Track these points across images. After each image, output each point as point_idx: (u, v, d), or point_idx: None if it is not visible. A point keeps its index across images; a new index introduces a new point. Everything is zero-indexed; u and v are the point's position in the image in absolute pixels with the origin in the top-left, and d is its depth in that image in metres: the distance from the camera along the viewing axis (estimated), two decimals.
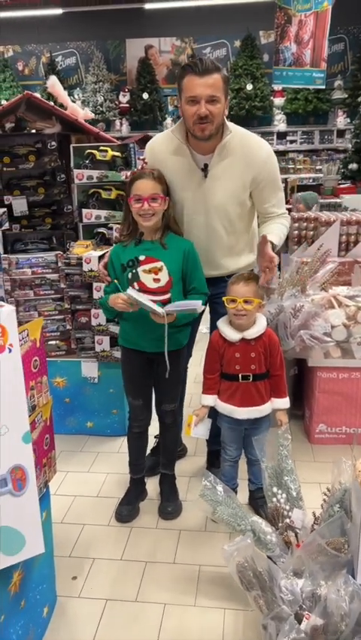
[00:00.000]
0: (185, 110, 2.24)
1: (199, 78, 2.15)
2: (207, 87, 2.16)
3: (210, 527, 2.45)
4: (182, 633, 1.93)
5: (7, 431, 1.47)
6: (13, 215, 3.79)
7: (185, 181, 2.37)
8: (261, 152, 2.38)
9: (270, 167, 2.40)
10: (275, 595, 1.44)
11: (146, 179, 2.18)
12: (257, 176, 2.37)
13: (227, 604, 2.04)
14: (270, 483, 1.98)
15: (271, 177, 2.42)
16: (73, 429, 3.27)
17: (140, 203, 2.17)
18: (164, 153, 2.40)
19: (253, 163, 2.35)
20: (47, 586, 1.97)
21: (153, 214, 2.19)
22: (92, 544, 2.38)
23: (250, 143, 2.38)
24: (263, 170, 2.37)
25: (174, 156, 2.37)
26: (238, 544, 1.60)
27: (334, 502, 1.79)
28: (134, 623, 1.98)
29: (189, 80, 2.18)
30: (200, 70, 2.15)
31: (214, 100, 2.18)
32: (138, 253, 2.26)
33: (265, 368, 2.32)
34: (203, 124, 2.20)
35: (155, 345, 2.29)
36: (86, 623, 1.98)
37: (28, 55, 13.06)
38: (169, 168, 2.36)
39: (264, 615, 1.46)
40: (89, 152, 3.51)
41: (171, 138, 2.39)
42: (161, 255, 2.25)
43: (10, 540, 1.54)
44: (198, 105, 2.18)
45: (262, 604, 1.49)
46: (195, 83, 2.17)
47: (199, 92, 2.16)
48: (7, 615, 1.64)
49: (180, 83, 2.23)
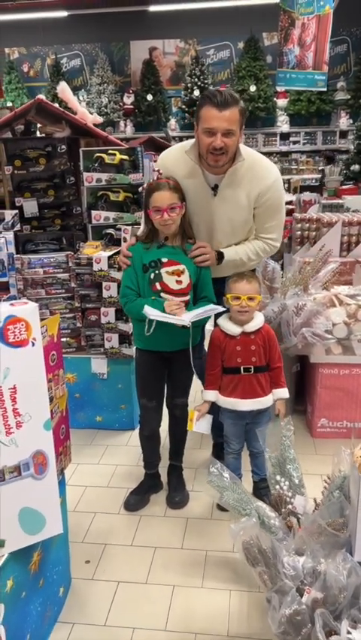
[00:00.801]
0: (201, 140, 2.31)
1: (218, 111, 2.21)
2: (224, 121, 2.22)
3: (216, 515, 2.57)
4: (190, 613, 2.04)
5: (30, 419, 1.58)
6: (24, 216, 3.92)
7: (195, 198, 2.46)
8: (267, 179, 2.46)
9: (272, 194, 2.48)
10: (278, 570, 1.56)
11: (163, 190, 2.28)
12: (259, 199, 2.47)
13: (232, 586, 2.15)
14: (273, 472, 2.09)
15: (271, 203, 2.50)
16: (83, 423, 3.38)
17: (160, 214, 2.28)
18: (178, 175, 2.45)
19: (258, 187, 2.44)
20: (62, 568, 2.08)
21: (172, 223, 2.31)
22: (104, 531, 2.49)
23: (259, 168, 2.46)
24: (266, 194, 2.46)
25: (187, 179, 2.45)
26: (243, 524, 1.72)
27: (334, 488, 1.90)
28: (145, 603, 2.09)
29: (207, 111, 2.24)
30: (219, 102, 2.20)
31: (230, 133, 2.25)
32: (160, 255, 2.37)
33: (264, 361, 2.43)
34: (217, 155, 2.29)
35: (171, 344, 2.40)
36: (99, 602, 2.09)
37: (34, 57, 13.17)
38: (180, 179, 2.44)
39: (268, 589, 1.58)
40: (97, 156, 3.62)
41: (185, 159, 2.44)
42: (182, 259, 2.38)
43: (31, 520, 1.65)
44: (214, 137, 2.24)
45: (266, 579, 1.61)
46: (213, 115, 2.22)
47: (216, 125, 2.22)
48: (27, 592, 1.75)
49: (199, 112, 2.29)
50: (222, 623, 1.98)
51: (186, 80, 12.20)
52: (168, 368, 2.54)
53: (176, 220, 2.31)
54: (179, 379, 2.55)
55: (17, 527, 1.63)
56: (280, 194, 2.54)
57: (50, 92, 12.48)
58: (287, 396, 2.55)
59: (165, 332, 2.33)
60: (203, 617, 2.01)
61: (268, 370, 2.48)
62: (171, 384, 2.62)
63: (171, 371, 2.54)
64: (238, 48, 12.45)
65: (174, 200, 2.28)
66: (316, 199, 7.08)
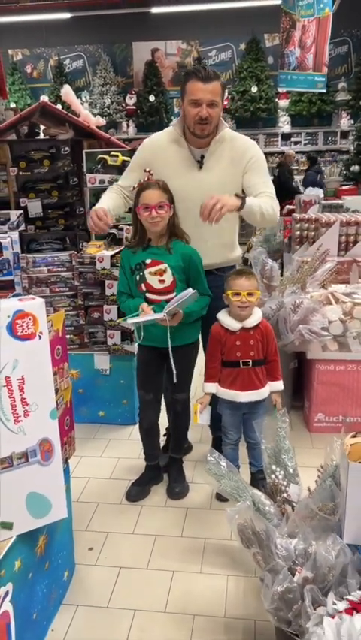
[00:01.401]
0: (188, 111, 2.49)
1: (202, 84, 2.41)
2: (208, 92, 2.42)
3: (215, 505, 2.65)
4: (189, 596, 2.13)
5: (37, 408, 1.67)
6: (29, 216, 4.01)
7: (181, 170, 2.59)
8: (246, 141, 2.67)
9: (254, 152, 2.64)
10: (271, 551, 1.64)
11: (152, 189, 2.37)
12: (245, 159, 2.61)
13: (230, 571, 2.24)
14: (269, 462, 2.18)
15: (257, 161, 2.64)
16: (86, 418, 3.47)
17: (148, 211, 2.36)
18: (163, 142, 2.65)
19: (241, 149, 2.61)
20: (66, 553, 2.17)
21: (160, 220, 2.38)
22: (106, 520, 2.59)
23: (238, 137, 2.67)
24: (248, 153, 2.61)
25: (172, 145, 2.62)
26: (239, 508, 1.81)
27: (326, 476, 1.98)
28: (146, 587, 2.18)
29: (193, 85, 2.43)
30: (203, 76, 2.41)
31: (214, 104, 2.45)
32: (145, 257, 2.46)
33: (262, 354, 2.51)
34: (203, 124, 2.46)
35: (167, 340, 2.48)
36: (102, 586, 2.18)
37: (37, 59, 13.28)
38: (167, 157, 2.59)
39: (262, 569, 1.67)
40: (100, 158, 3.72)
41: (170, 132, 2.65)
42: (165, 258, 2.45)
43: (38, 504, 1.74)
44: (200, 108, 2.43)
45: (260, 559, 1.70)
46: (198, 87, 2.42)
47: (201, 96, 2.42)
48: (34, 574, 1.85)
49: (185, 86, 2.48)
50: (219, 606, 2.07)
51: None
52: (167, 363, 2.62)
53: (164, 218, 2.38)
54: (180, 374, 2.60)
55: (24, 511, 1.72)
56: (262, 155, 2.69)
57: (53, 93, 12.60)
58: (282, 388, 2.63)
59: (160, 328, 2.42)
60: (201, 599, 2.10)
61: (266, 364, 2.57)
62: (170, 379, 2.68)
63: (169, 366, 2.61)
64: (239, 49, 12.54)
65: (163, 199, 2.36)
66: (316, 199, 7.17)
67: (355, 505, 1.62)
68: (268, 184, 2.66)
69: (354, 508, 1.63)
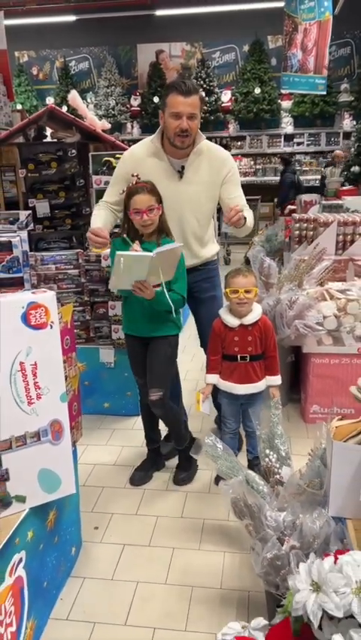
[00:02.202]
0: (169, 123, 2.60)
1: (183, 97, 2.52)
2: (189, 105, 2.53)
3: (214, 490, 2.81)
4: (188, 570, 2.28)
5: (48, 391, 1.83)
6: (37, 216, 4.17)
7: (162, 180, 2.69)
8: (222, 152, 2.83)
9: (231, 164, 2.82)
10: (262, 522, 1.79)
11: (142, 193, 2.49)
12: (225, 172, 2.78)
13: (226, 548, 2.40)
14: (263, 446, 2.32)
15: (233, 174, 2.81)
16: (91, 409, 3.62)
17: (139, 215, 2.49)
18: (143, 155, 2.77)
19: (219, 161, 2.78)
20: (74, 529, 2.33)
21: (151, 223, 2.52)
22: (111, 503, 2.75)
23: (215, 149, 2.83)
24: (226, 166, 2.79)
25: (152, 158, 2.75)
26: (232, 482, 1.96)
27: (316, 458, 2.14)
28: (148, 562, 2.34)
29: (174, 98, 2.54)
30: (184, 90, 2.52)
31: (193, 116, 2.57)
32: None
33: (260, 350, 2.66)
34: (184, 136, 2.60)
35: (147, 330, 2.65)
36: (107, 561, 2.34)
37: (43, 61, 13.46)
38: (147, 168, 2.71)
39: (253, 538, 1.82)
40: (106, 160, 3.87)
41: (149, 145, 2.77)
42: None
43: (49, 480, 1.90)
44: (180, 120, 2.54)
45: (251, 530, 1.85)
46: (179, 101, 2.52)
47: (182, 109, 2.53)
48: (44, 545, 2.01)
49: (165, 99, 2.60)
50: (216, 579, 2.23)
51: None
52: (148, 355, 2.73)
53: (154, 220, 2.52)
54: (153, 367, 2.70)
55: (36, 486, 1.88)
56: (236, 168, 2.87)
57: (59, 95, 12.78)
58: (279, 383, 2.78)
59: (139, 316, 2.60)
60: (199, 573, 2.26)
61: (264, 359, 2.72)
62: (147, 373, 2.74)
63: (147, 358, 2.72)
64: (243, 51, 12.68)
65: (152, 203, 2.49)
66: (316, 200, 7.31)
67: (338, 481, 1.77)
68: (242, 197, 2.85)
69: (338, 484, 1.78)
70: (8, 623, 1.72)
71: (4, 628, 1.69)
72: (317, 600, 1.04)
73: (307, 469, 2.15)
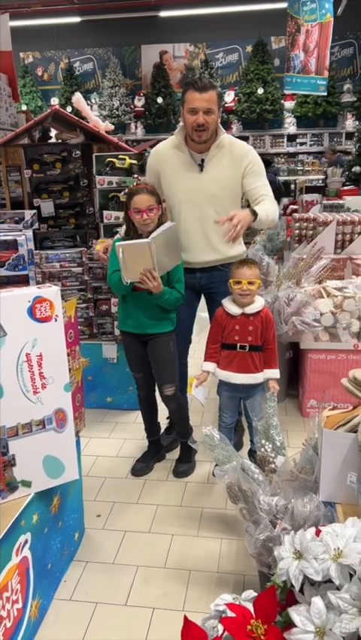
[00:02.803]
0: (186, 119, 2.74)
1: (198, 94, 2.64)
2: (204, 101, 2.65)
3: (212, 480, 2.90)
4: (186, 555, 2.38)
5: (53, 381, 1.93)
6: (42, 216, 4.27)
7: (183, 174, 2.84)
8: (245, 146, 2.90)
9: (252, 157, 2.87)
10: (255, 506, 1.88)
11: (142, 194, 2.60)
12: (244, 164, 2.84)
13: (223, 535, 2.49)
14: (260, 437, 2.41)
15: (255, 165, 2.86)
16: (94, 403, 3.73)
17: (139, 214, 2.59)
18: (166, 149, 2.91)
19: (240, 154, 2.84)
20: (77, 516, 2.43)
21: (150, 222, 2.61)
22: (113, 492, 2.84)
23: (237, 142, 2.90)
24: (247, 158, 2.84)
25: (174, 152, 2.87)
26: (227, 468, 2.05)
27: (309, 448, 2.22)
28: (148, 547, 2.43)
29: (190, 95, 2.67)
30: (199, 87, 2.65)
31: (210, 111, 2.67)
32: None
33: (260, 341, 2.74)
34: (200, 131, 2.71)
35: (145, 327, 2.75)
36: (108, 547, 2.44)
37: (47, 62, 13.54)
38: (169, 161, 2.86)
39: (246, 520, 1.91)
40: (109, 160, 3.96)
41: (172, 140, 2.91)
42: None
43: (53, 466, 2.00)
44: (197, 115, 2.67)
45: (245, 513, 1.94)
46: (195, 97, 2.65)
47: (198, 105, 2.65)
48: (49, 529, 2.10)
49: (183, 96, 2.73)
50: (213, 563, 2.32)
51: None
52: (148, 351, 2.84)
53: (154, 220, 2.62)
54: (161, 364, 2.82)
55: (41, 471, 1.98)
56: (259, 160, 2.91)
57: (63, 95, 12.87)
58: (278, 376, 2.85)
59: (137, 314, 2.71)
60: (197, 558, 2.35)
61: (263, 351, 2.80)
62: (154, 369, 2.87)
63: (151, 356, 2.83)
64: (246, 51, 12.74)
65: (152, 203, 2.59)
66: (318, 200, 7.39)
67: (328, 467, 1.86)
68: (266, 187, 2.88)
69: (328, 470, 1.87)
70: (15, 600, 1.82)
71: (11, 604, 1.80)
72: (298, 566, 1.13)
73: (301, 458, 2.23)
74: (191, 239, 2.90)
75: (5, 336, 1.80)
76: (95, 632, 2.00)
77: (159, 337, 2.80)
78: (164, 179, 2.91)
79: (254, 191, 2.85)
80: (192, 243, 2.90)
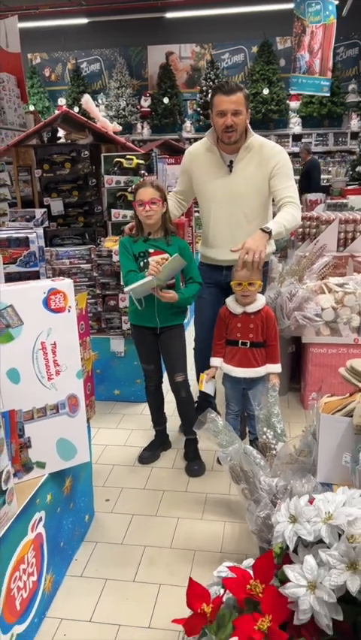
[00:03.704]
0: (215, 122, 2.86)
1: (226, 96, 2.76)
2: (232, 103, 2.76)
3: (216, 468, 3.01)
4: (191, 536, 2.50)
5: (66, 368, 2.05)
6: (52, 214, 4.40)
7: (213, 174, 2.98)
8: (274, 147, 2.98)
9: (280, 158, 2.93)
10: (256, 486, 2.00)
11: (146, 187, 2.74)
12: (272, 165, 2.91)
13: (227, 518, 2.61)
14: (261, 425, 2.53)
15: (282, 166, 2.93)
16: (103, 395, 3.85)
17: (142, 206, 2.73)
18: (199, 151, 3.06)
19: (268, 155, 2.92)
20: (87, 499, 2.56)
21: (153, 214, 2.74)
22: (120, 478, 2.97)
23: (267, 143, 2.98)
24: (273, 159, 2.92)
25: (206, 152, 3.01)
26: (230, 450, 2.17)
27: (308, 434, 2.34)
28: (154, 529, 2.55)
29: (218, 98, 2.79)
30: (226, 90, 2.77)
31: (238, 113, 2.79)
32: (147, 247, 2.83)
33: (261, 338, 2.85)
34: (229, 132, 2.82)
35: (157, 321, 2.86)
36: (117, 529, 2.56)
37: (55, 62, 13.71)
38: (200, 162, 3.01)
39: (248, 500, 2.03)
40: (117, 160, 4.09)
41: (204, 142, 3.04)
42: (165, 248, 2.82)
43: (65, 449, 2.12)
44: (225, 117, 2.78)
45: (247, 493, 2.05)
46: (223, 100, 2.77)
47: (225, 107, 2.77)
48: (62, 509, 2.23)
49: (212, 101, 2.86)
50: (216, 544, 2.44)
51: (202, 83, 12.63)
52: (160, 343, 2.97)
53: (157, 212, 2.74)
54: (173, 354, 2.96)
55: (55, 453, 2.10)
56: (288, 161, 2.98)
57: (70, 96, 13.03)
58: (278, 371, 2.96)
59: (151, 310, 2.82)
60: (201, 539, 2.47)
61: (266, 347, 2.92)
62: (166, 360, 3.02)
63: (163, 347, 2.97)
64: (251, 52, 12.85)
65: (155, 196, 2.72)
66: (322, 199, 7.49)
67: (325, 450, 1.98)
68: (290, 189, 2.94)
69: (325, 452, 1.98)
70: (30, 572, 1.95)
71: (27, 576, 1.92)
72: (293, 529, 1.25)
73: (300, 444, 2.35)
74: (219, 237, 3.04)
75: (22, 325, 1.93)
76: (105, 607, 2.12)
77: (172, 330, 2.93)
78: (195, 180, 3.07)
79: (278, 193, 2.93)
80: (220, 241, 3.04)
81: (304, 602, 1.15)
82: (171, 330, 2.92)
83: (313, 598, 1.15)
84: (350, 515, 1.18)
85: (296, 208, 2.90)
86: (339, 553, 1.15)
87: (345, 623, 1.22)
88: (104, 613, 2.09)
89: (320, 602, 1.14)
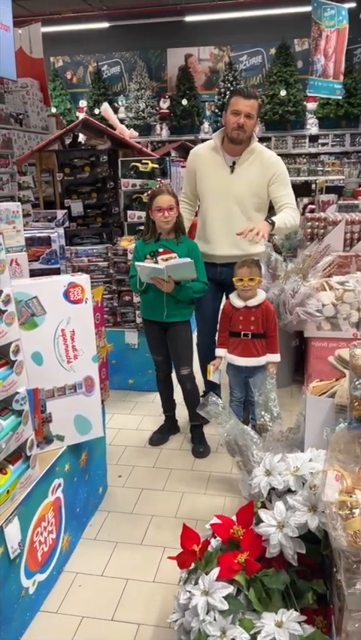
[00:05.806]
0: (228, 119, 3.13)
1: (244, 99, 3.06)
2: (247, 106, 3.06)
3: (221, 450, 3.27)
4: (194, 507, 2.77)
5: (83, 353, 2.33)
6: (72, 215, 4.70)
7: (215, 173, 3.24)
8: (272, 156, 3.27)
9: (278, 167, 3.24)
10: (249, 459, 2.26)
11: (164, 194, 2.99)
12: (272, 173, 3.21)
13: (227, 493, 2.87)
14: (260, 409, 2.78)
15: (280, 175, 3.23)
16: (117, 385, 4.12)
17: (161, 212, 2.98)
18: (204, 151, 3.32)
19: (268, 163, 3.22)
20: (101, 473, 2.84)
21: (170, 219, 3.00)
22: (132, 458, 3.25)
23: (266, 152, 3.27)
24: (273, 168, 3.22)
25: (210, 152, 3.28)
26: (227, 427, 2.43)
27: (301, 417, 2.58)
28: (161, 501, 2.83)
29: (236, 99, 3.09)
30: (245, 94, 3.08)
31: (250, 116, 3.07)
32: (157, 247, 3.08)
33: (261, 330, 3.10)
34: (240, 131, 3.08)
35: (166, 316, 3.11)
36: (128, 500, 2.84)
37: (76, 65, 14.03)
38: (206, 162, 3.27)
39: (241, 469, 2.28)
40: (133, 165, 4.37)
41: (209, 143, 3.31)
42: (174, 248, 3.07)
43: (82, 424, 2.40)
44: (238, 117, 3.06)
45: (241, 465, 2.31)
46: (240, 101, 3.07)
47: (241, 108, 3.06)
48: (78, 479, 2.51)
49: (229, 101, 3.14)
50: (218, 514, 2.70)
51: (220, 85, 12.84)
52: (168, 337, 3.21)
53: (173, 217, 3.00)
54: (179, 348, 3.21)
55: (73, 428, 2.38)
56: (285, 170, 3.29)
57: (91, 98, 13.35)
58: (278, 360, 3.20)
59: (158, 305, 3.06)
60: (204, 510, 2.73)
61: (266, 338, 3.16)
62: (173, 354, 3.27)
63: (170, 341, 3.22)
64: (269, 54, 13.01)
65: (172, 203, 2.98)
66: (334, 199, 7.66)
67: (311, 427, 2.22)
68: (289, 195, 3.26)
69: (311, 429, 2.22)
70: (50, 530, 2.23)
71: (47, 533, 2.20)
72: (267, 480, 1.51)
73: (294, 425, 2.60)
74: (216, 233, 3.30)
75: (45, 314, 2.21)
76: (116, 564, 2.40)
77: (178, 325, 3.18)
78: (198, 177, 3.33)
79: (278, 199, 3.24)
80: (217, 237, 3.29)
81: (274, 538, 1.41)
82: (177, 326, 3.17)
83: (281, 535, 1.41)
84: (313, 469, 1.43)
85: (296, 212, 3.20)
86: (303, 499, 1.41)
87: (311, 559, 1.48)
88: (115, 569, 2.37)
89: (286, 537, 1.39)
